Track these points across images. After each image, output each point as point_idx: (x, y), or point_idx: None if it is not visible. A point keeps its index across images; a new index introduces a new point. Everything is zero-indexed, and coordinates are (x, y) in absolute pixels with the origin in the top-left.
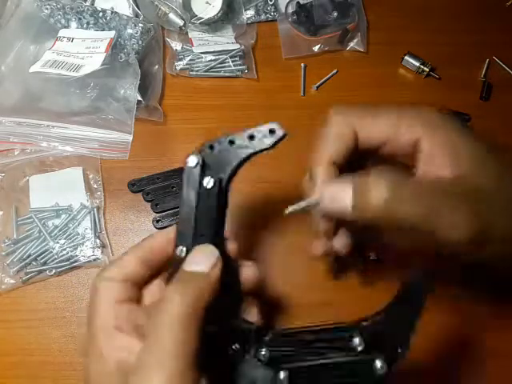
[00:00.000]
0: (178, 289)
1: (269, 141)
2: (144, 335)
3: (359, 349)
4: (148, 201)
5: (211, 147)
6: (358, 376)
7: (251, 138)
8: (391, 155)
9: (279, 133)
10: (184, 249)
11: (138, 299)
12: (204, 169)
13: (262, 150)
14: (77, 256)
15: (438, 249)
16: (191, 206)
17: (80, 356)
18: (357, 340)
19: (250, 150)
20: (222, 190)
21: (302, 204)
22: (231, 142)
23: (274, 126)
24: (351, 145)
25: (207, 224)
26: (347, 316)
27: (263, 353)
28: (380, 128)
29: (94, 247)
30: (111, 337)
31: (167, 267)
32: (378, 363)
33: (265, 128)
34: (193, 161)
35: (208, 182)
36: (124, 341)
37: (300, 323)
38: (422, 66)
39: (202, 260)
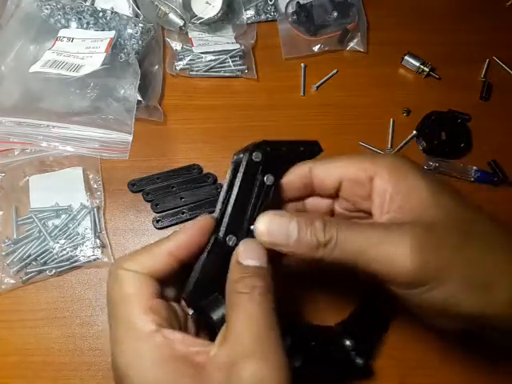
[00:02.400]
0: (252, 284)
1: (312, 153)
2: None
3: (350, 347)
4: (148, 201)
5: (272, 147)
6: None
7: (300, 146)
8: (352, 199)
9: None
10: (234, 238)
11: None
12: (264, 164)
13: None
14: (77, 256)
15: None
16: (249, 199)
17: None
18: (348, 342)
19: (301, 157)
20: (276, 188)
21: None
22: (283, 147)
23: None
24: (303, 180)
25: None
26: None
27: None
28: (333, 169)
29: (94, 247)
30: (162, 334)
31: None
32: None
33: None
34: (258, 156)
35: (268, 179)
36: (177, 336)
37: None
38: (421, 66)
39: (260, 255)
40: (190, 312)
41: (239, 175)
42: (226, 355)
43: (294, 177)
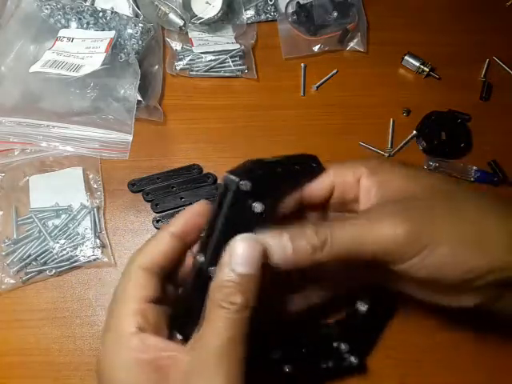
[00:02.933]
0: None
1: (312, 173)
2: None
3: (344, 350)
4: (148, 201)
5: (264, 170)
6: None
7: (295, 165)
8: (342, 203)
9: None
10: (213, 269)
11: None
12: (254, 192)
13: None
14: (77, 256)
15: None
16: (236, 228)
17: (81, 356)
18: (343, 345)
19: (299, 177)
20: (268, 214)
21: None
22: (278, 167)
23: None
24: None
25: None
26: None
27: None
28: (324, 183)
29: (94, 247)
30: (142, 338)
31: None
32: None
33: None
34: (246, 185)
35: (257, 207)
36: (152, 340)
37: None
38: (421, 66)
39: (251, 260)
40: (179, 337)
41: (225, 206)
42: (188, 363)
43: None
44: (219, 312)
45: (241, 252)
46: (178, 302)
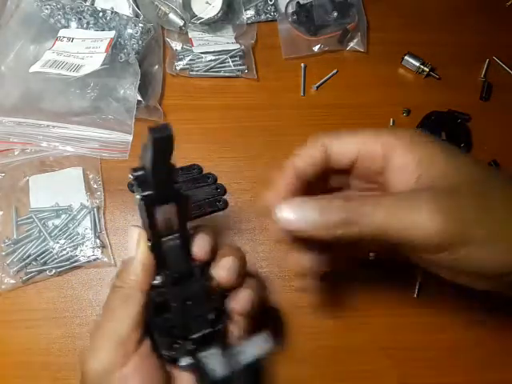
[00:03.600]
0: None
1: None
2: None
3: None
4: None
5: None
6: None
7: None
8: (366, 173)
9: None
10: None
11: None
12: (140, 187)
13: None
14: (77, 256)
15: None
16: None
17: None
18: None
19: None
20: (149, 205)
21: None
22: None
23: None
24: (319, 161)
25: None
26: None
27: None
28: (350, 145)
29: (94, 247)
30: None
31: None
32: None
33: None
34: (132, 175)
35: (136, 197)
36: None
37: None
38: (421, 66)
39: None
40: None
41: None
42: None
43: (309, 160)
44: (113, 293)
45: (130, 238)
46: None
